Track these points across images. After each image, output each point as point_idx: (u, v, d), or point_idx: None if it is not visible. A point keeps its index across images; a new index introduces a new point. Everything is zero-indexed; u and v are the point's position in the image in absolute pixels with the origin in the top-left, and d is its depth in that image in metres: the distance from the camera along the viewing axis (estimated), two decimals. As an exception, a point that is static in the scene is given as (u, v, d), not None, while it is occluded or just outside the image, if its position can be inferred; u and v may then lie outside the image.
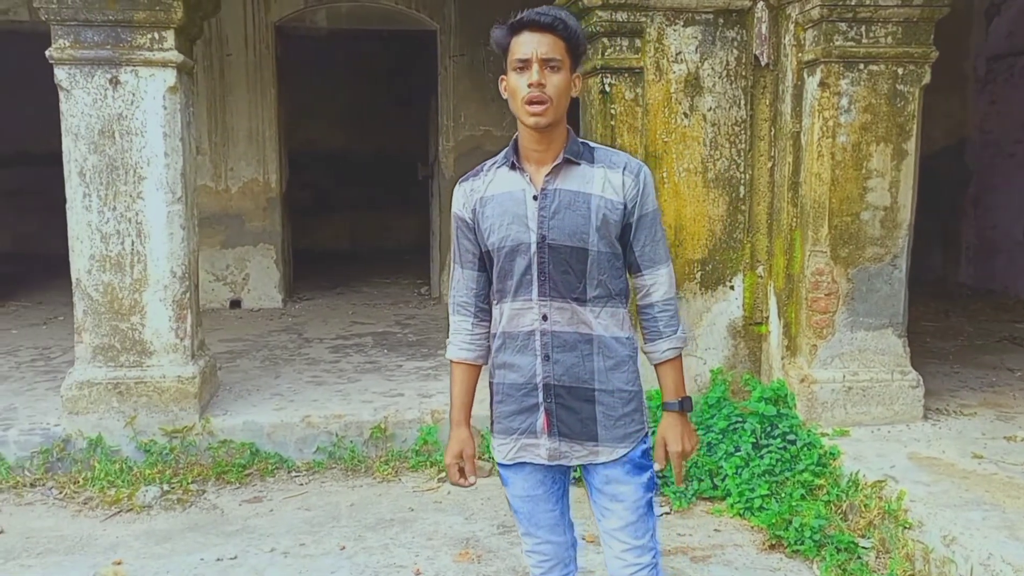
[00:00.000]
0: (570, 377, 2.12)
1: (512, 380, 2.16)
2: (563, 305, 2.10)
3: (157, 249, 4.24)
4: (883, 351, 4.41)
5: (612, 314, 2.14)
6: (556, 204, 2.08)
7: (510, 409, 2.18)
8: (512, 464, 2.21)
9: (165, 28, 4.05)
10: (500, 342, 2.18)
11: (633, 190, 2.11)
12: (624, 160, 2.14)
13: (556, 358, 2.11)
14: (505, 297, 2.15)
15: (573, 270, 2.09)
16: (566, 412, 2.14)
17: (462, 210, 2.19)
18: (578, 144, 2.13)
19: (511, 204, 2.11)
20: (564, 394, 2.13)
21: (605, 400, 2.13)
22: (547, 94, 2.00)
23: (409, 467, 4.44)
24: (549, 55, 2.00)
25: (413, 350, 6.07)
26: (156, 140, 4.15)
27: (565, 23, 2.01)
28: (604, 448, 2.15)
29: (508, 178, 2.14)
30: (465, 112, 7.52)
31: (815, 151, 4.31)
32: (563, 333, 2.11)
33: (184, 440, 4.36)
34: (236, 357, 5.77)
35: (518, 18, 2.03)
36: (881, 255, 4.36)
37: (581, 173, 2.10)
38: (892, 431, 4.27)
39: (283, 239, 7.57)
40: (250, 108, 7.16)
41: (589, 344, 2.12)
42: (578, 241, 2.07)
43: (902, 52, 4.26)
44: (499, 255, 2.13)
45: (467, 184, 2.21)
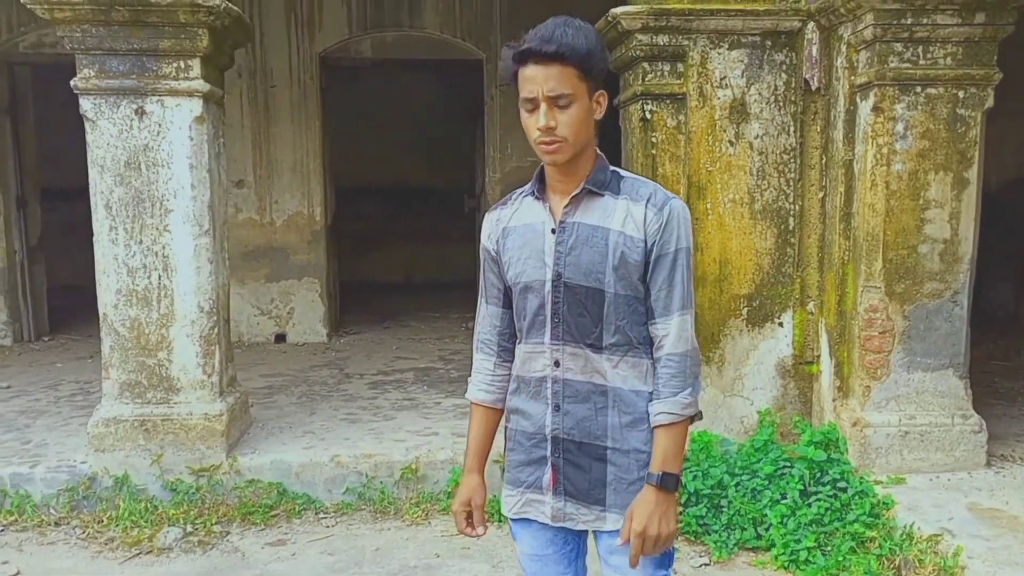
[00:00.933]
0: (580, 431, 1.93)
1: (523, 428, 2.01)
2: (576, 351, 1.91)
3: (184, 283, 4.19)
4: (942, 393, 4.09)
5: (633, 364, 1.92)
6: (574, 239, 1.89)
7: (519, 459, 2.03)
8: (518, 519, 2.04)
9: (191, 57, 4.02)
10: (515, 386, 2.03)
11: (655, 225, 1.87)
12: (650, 191, 1.91)
13: (567, 409, 1.93)
14: (521, 338, 2.00)
15: (589, 313, 1.90)
16: (574, 470, 1.94)
17: (488, 241, 2.05)
18: (605, 173, 1.92)
19: (531, 237, 1.95)
20: (573, 449, 1.94)
21: (618, 460, 1.92)
22: (559, 135, 1.81)
23: (440, 510, 4.26)
24: (557, 91, 1.78)
25: (454, 387, 5.92)
26: (182, 172, 4.11)
27: (572, 47, 1.77)
28: (612, 515, 1.93)
29: (531, 209, 1.97)
30: (512, 143, 7.41)
31: (868, 180, 4.05)
32: (575, 382, 1.93)
33: (211, 479, 4.26)
34: (274, 393, 5.70)
35: (522, 47, 1.80)
36: (940, 291, 4.07)
37: (603, 205, 1.90)
38: (952, 479, 3.95)
39: (328, 273, 7.53)
40: (295, 140, 7.17)
41: (603, 396, 1.92)
42: (594, 281, 1.88)
43: (962, 74, 3.99)
44: (516, 291, 1.98)
45: (495, 213, 2.06)
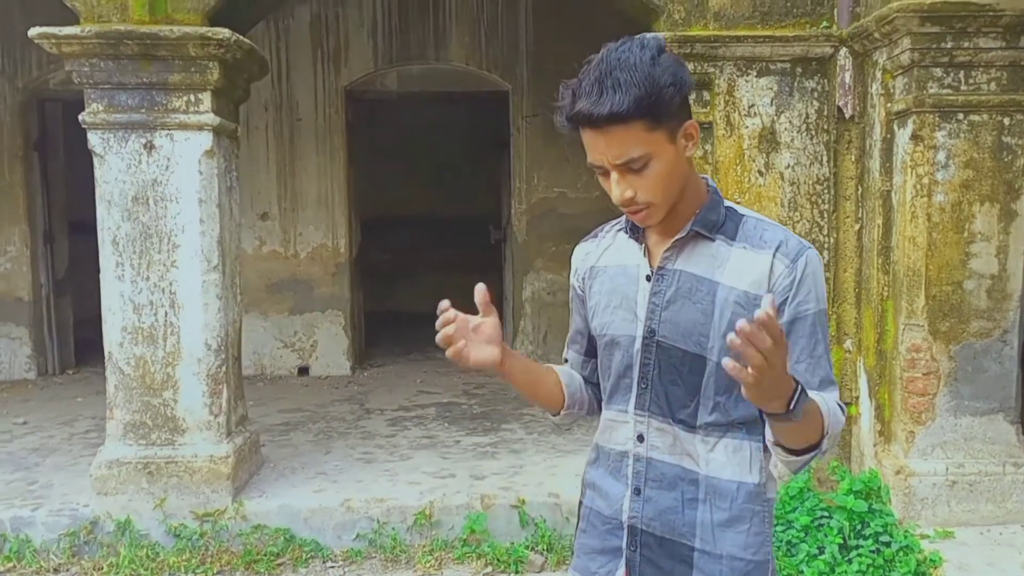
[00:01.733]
0: (662, 524, 1.61)
1: (599, 508, 1.70)
2: (663, 426, 1.61)
3: (191, 320, 4.06)
4: (992, 440, 3.81)
5: (735, 449, 1.59)
6: (673, 291, 1.58)
7: (591, 544, 1.72)
8: None
9: (201, 90, 3.93)
10: (594, 455, 1.75)
11: (786, 279, 1.52)
12: (780, 238, 1.55)
13: (649, 495, 1.62)
14: (604, 400, 1.72)
15: (684, 382, 1.58)
16: (652, 569, 1.62)
17: (574, 278, 1.79)
18: (718, 212, 1.59)
19: (622, 281, 1.65)
20: (653, 545, 1.62)
21: (706, 567, 1.58)
22: (641, 202, 1.51)
23: (454, 559, 4.05)
24: (625, 158, 1.46)
25: (475, 424, 5.72)
26: (191, 206, 4.01)
27: (629, 102, 1.41)
28: None
29: (625, 247, 1.68)
30: (538, 174, 7.26)
31: (908, 212, 3.81)
32: (661, 463, 1.62)
33: (215, 524, 4.10)
34: (290, 430, 5.55)
35: (572, 110, 1.46)
36: (989, 329, 3.79)
37: (713, 252, 1.57)
38: (1005, 533, 3.65)
39: (352, 305, 7.41)
40: (319, 173, 7.09)
41: (694, 486, 1.59)
42: (694, 345, 1.56)
43: (1008, 100, 3.75)
44: (600, 344, 1.70)
45: (584, 246, 1.80)
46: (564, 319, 7.29)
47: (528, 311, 7.44)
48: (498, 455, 4.98)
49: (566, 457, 4.90)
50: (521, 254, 7.38)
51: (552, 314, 7.41)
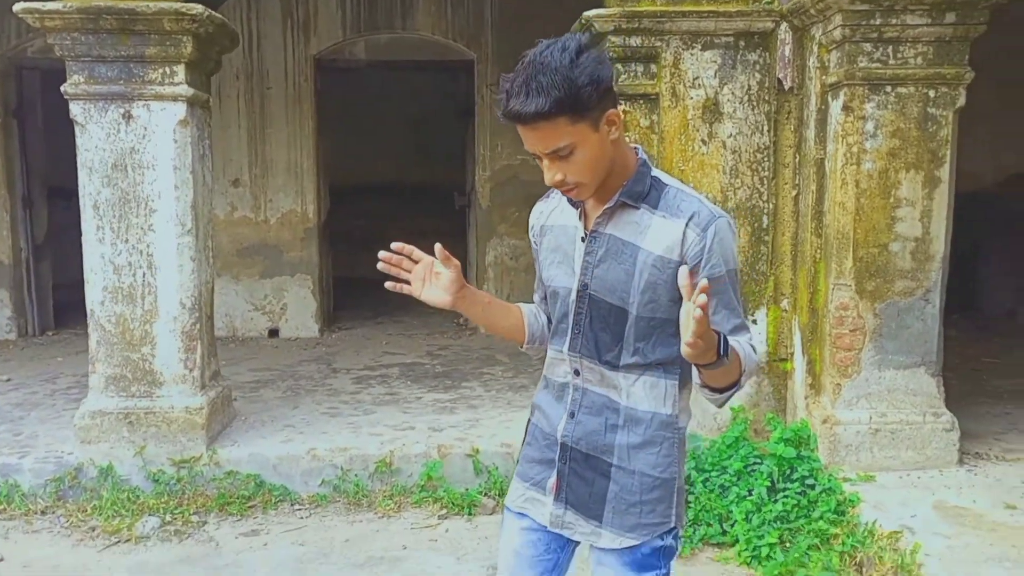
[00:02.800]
0: (589, 443, 1.88)
1: (541, 426, 1.99)
2: (592, 366, 1.87)
3: (167, 281, 4.28)
4: (914, 391, 4.12)
5: (652, 385, 1.85)
6: (603, 251, 1.82)
7: (532, 455, 2.00)
8: (516, 512, 2.02)
9: (176, 63, 4.12)
10: (543, 383, 2.01)
11: (696, 247, 1.74)
12: (694, 208, 1.76)
13: (580, 418, 1.89)
14: (548, 338, 1.99)
15: (611, 330, 1.83)
16: (578, 480, 1.90)
17: (531, 231, 2.04)
18: (644, 183, 1.80)
19: (564, 240, 1.91)
20: (580, 460, 1.90)
21: (621, 480, 1.86)
22: (571, 182, 1.73)
23: (412, 503, 4.33)
24: (553, 147, 1.68)
25: (437, 382, 5.99)
26: (166, 173, 4.21)
27: (550, 101, 1.60)
28: (607, 533, 1.88)
29: (568, 210, 1.91)
30: (501, 142, 7.47)
31: (839, 179, 4.08)
32: (593, 393, 1.88)
33: (191, 470, 4.35)
34: (260, 387, 5.79)
35: (504, 108, 1.67)
36: (912, 289, 4.09)
37: (637, 219, 1.80)
38: (922, 477, 3.97)
39: (321, 269, 7.62)
40: (289, 140, 7.26)
41: (616, 413, 1.86)
42: (618, 300, 1.80)
43: (933, 73, 4.01)
44: (547, 293, 1.97)
45: (539, 206, 2.03)
46: (527, 283, 7.58)
47: (491, 275, 7.69)
48: (456, 410, 5.25)
49: (520, 412, 5.17)
50: (485, 220, 7.62)
51: (515, 278, 7.68)
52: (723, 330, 1.73)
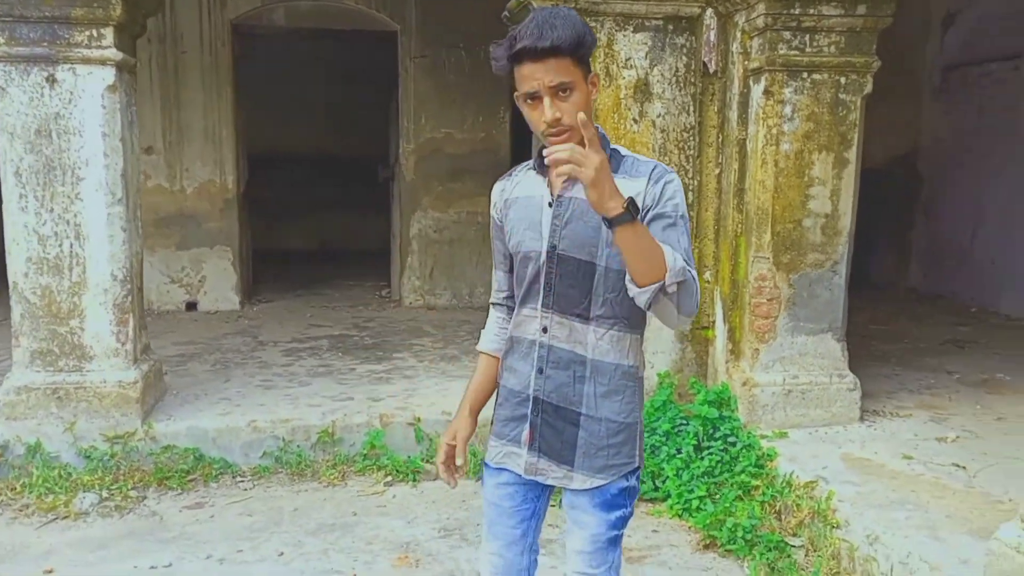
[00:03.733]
0: (559, 396, 2.06)
1: (511, 385, 2.14)
2: (563, 320, 2.03)
3: (97, 252, 4.19)
4: (822, 355, 4.47)
5: (618, 339, 2.03)
6: (570, 213, 1.99)
7: (505, 414, 2.16)
8: (495, 467, 2.19)
9: (104, 25, 4.00)
10: (509, 345, 2.16)
11: (651, 197, 1.94)
12: (650, 168, 1.98)
13: (549, 373, 2.06)
14: (517, 302, 2.14)
15: (579, 284, 2.00)
16: (549, 430, 2.08)
17: (494, 210, 2.18)
18: (606, 151, 1.97)
19: (530, 209, 2.06)
20: (551, 411, 2.07)
21: (590, 427, 2.05)
22: (565, 124, 1.87)
23: (356, 471, 4.42)
24: (557, 81, 1.84)
25: (368, 353, 6.05)
26: (95, 140, 4.10)
27: (564, 38, 1.82)
28: (579, 475, 2.07)
29: (533, 182, 2.09)
30: (426, 114, 7.50)
31: (759, 158, 4.36)
32: (559, 349, 2.05)
33: (125, 446, 4.30)
34: (187, 361, 5.72)
35: (516, 48, 1.84)
36: (822, 261, 4.42)
37: None
38: (829, 432, 4.33)
39: (241, 241, 7.51)
40: (206, 107, 7.09)
41: (583, 366, 2.04)
42: (586, 254, 1.98)
43: (844, 62, 4.32)
44: (516, 259, 2.11)
45: (500, 184, 2.19)
46: (450, 256, 7.71)
47: (415, 248, 7.75)
48: (392, 380, 5.34)
49: (455, 381, 5.31)
50: (409, 193, 7.66)
51: (438, 251, 7.76)
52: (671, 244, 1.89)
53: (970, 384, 5.27)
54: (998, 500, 3.45)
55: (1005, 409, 4.72)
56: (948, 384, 5.26)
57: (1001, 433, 4.31)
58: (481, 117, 7.61)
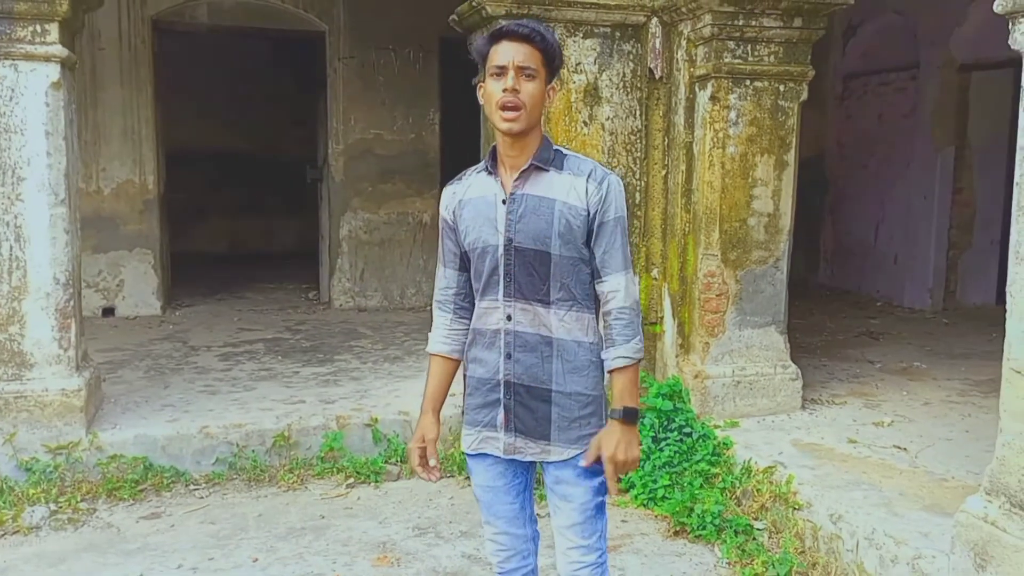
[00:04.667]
0: (529, 377, 2.20)
1: (480, 375, 2.27)
2: (526, 306, 2.18)
3: (39, 254, 4.00)
4: (767, 347, 4.69)
5: (577, 319, 2.20)
6: (523, 209, 2.16)
7: (476, 402, 2.28)
8: (475, 454, 2.30)
9: (49, 21, 3.84)
10: (471, 337, 2.28)
11: (596, 196, 2.15)
12: (590, 167, 2.20)
13: (517, 357, 2.20)
14: (478, 296, 2.26)
15: (537, 272, 2.16)
16: (523, 410, 2.22)
17: (445, 212, 2.31)
18: (550, 151, 2.20)
19: (484, 207, 2.21)
20: (523, 392, 2.21)
21: (561, 402, 2.20)
22: (521, 99, 2.09)
23: (315, 474, 4.36)
24: (525, 63, 2.09)
25: (308, 356, 5.96)
26: (38, 139, 3.92)
27: (543, 35, 2.12)
28: (556, 448, 2.21)
29: (484, 183, 2.25)
30: (355, 115, 7.44)
31: (707, 161, 4.54)
32: (525, 334, 2.19)
33: (70, 457, 4.12)
34: (117, 368, 5.49)
35: (498, 28, 2.15)
36: (765, 258, 4.64)
37: (548, 179, 2.17)
38: (776, 421, 4.55)
39: (161, 243, 7.25)
40: (125, 106, 6.82)
41: (549, 346, 2.19)
42: (541, 244, 2.15)
43: (783, 70, 4.55)
44: (473, 255, 2.24)
45: (451, 188, 2.33)
46: (381, 257, 7.66)
47: (345, 249, 7.66)
48: (340, 382, 5.29)
49: (405, 382, 5.30)
50: (338, 194, 7.57)
51: (369, 252, 7.70)
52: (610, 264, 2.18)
53: (892, 372, 5.62)
54: (942, 478, 3.70)
55: (928, 394, 5.07)
56: (872, 373, 5.60)
57: (931, 417, 4.62)
58: (411, 118, 7.61)
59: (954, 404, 4.88)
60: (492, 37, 2.14)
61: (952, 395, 5.07)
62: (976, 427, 4.42)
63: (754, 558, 3.43)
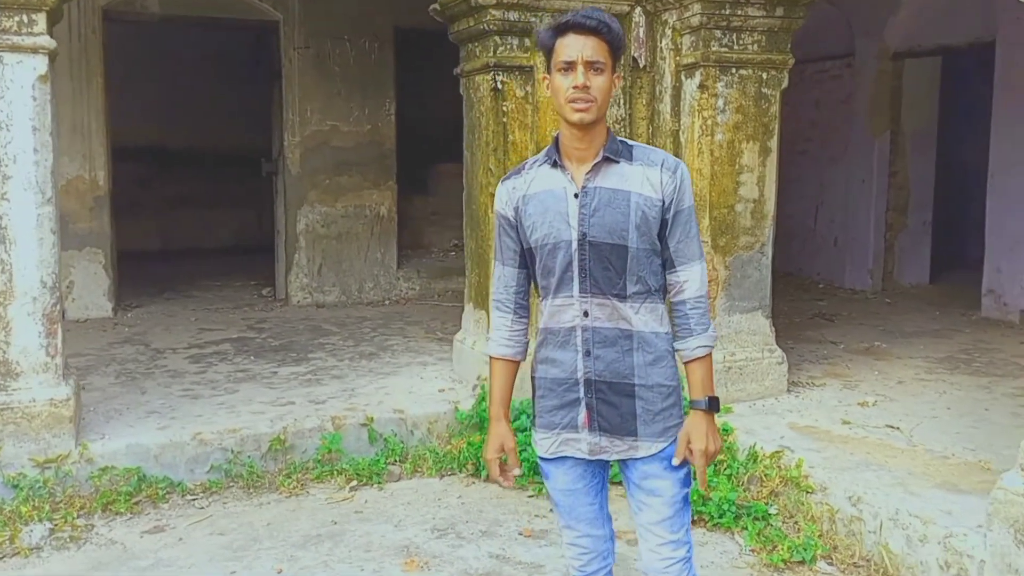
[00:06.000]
0: (611, 372, 2.16)
1: (554, 375, 2.21)
2: (604, 301, 2.15)
3: (25, 257, 3.77)
4: (754, 332, 4.80)
5: (651, 310, 2.17)
6: (596, 202, 2.13)
7: (552, 404, 2.22)
8: (553, 458, 2.24)
9: (36, 11, 3.62)
10: (542, 337, 2.23)
11: (671, 186, 2.15)
12: (662, 157, 2.19)
13: (597, 353, 2.16)
14: (548, 294, 2.20)
15: (613, 267, 2.13)
16: (606, 407, 2.18)
17: (504, 208, 2.24)
18: (617, 143, 2.18)
19: (552, 202, 2.16)
20: (605, 389, 2.17)
21: (645, 395, 2.17)
22: (591, 94, 2.07)
23: (314, 478, 4.26)
24: (593, 58, 2.07)
25: (280, 355, 5.80)
26: (24, 134, 3.70)
27: (609, 26, 2.09)
28: (643, 443, 2.19)
29: (550, 176, 2.19)
30: (311, 107, 7.26)
31: (696, 148, 4.61)
32: (604, 329, 2.16)
33: (59, 470, 3.91)
34: (85, 374, 5.22)
35: (564, 20, 2.10)
36: (752, 244, 4.75)
37: (620, 171, 2.15)
38: (767, 404, 4.66)
39: (112, 242, 6.93)
40: (74, 98, 6.46)
41: (629, 340, 2.16)
42: (618, 238, 2.12)
43: (766, 59, 4.65)
44: (541, 252, 2.18)
45: (509, 182, 2.26)
46: (338, 251, 7.53)
47: (303, 244, 7.49)
48: (323, 382, 5.17)
49: (389, 379, 5.23)
50: (295, 187, 7.38)
51: (327, 246, 7.54)
52: (685, 253, 2.19)
53: (857, 352, 5.84)
54: (943, 456, 3.84)
55: (899, 373, 5.28)
56: (839, 354, 5.80)
57: (909, 395, 4.81)
58: (367, 109, 7.47)
59: (926, 382, 5.09)
60: (557, 30, 2.11)
61: (920, 373, 5.29)
62: (955, 404, 4.64)
63: (776, 544, 3.49)
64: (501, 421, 2.28)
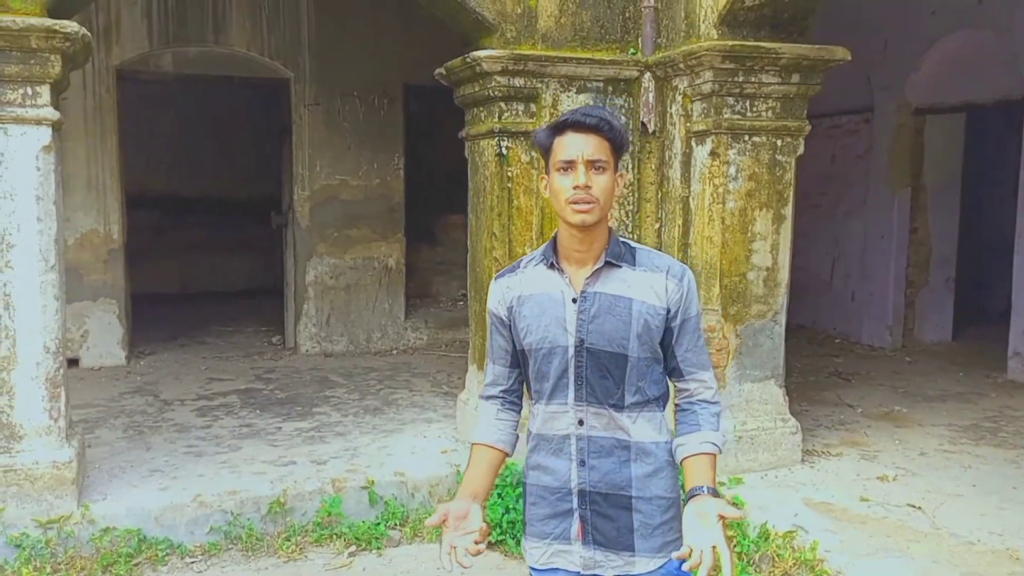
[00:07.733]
0: (606, 484, 2.06)
1: (546, 483, 2.11)
2: (600, 411, 2.05)
3: (29, 323, 3.80)
4: (766, 401, 4.73)
5: (650, 419, 2.07)
6: (596, 308, 2.04)
7: (543, 512, 2.13)
8: (545, 569, 2.14)
9: (40, 83, 3.68)
10: (534, 443, 2.13)
11: (677, 294, 2.06)
12: (667, 263, 2.10)
13: (592, 464, 2.06)
14: (541, 398, 2.11)
15: (612, 376, 2.03)
16: (602, 520, 2.07)
17: (497, 307, 2.16)
18: (619, 245, 2.09)
19: (549, 305, 2.07)
20: (600, 501, 2.07)
21: (643, 508, 2.06)
22: (593, 195, 1.97)
23: (312, 542, 4.20)
24: (595, 156, 1.98)
25: (286, 409, 5.78)
26: (28, 204, 3.75)
27: (610, 123, 2.00)
28: (641, 559, 2.07)
29: (546, 277, 2.10)
30: (321, 161, 7.33)
31: (706, 216, 4.57)
32: (600, 438, 2.06)
33: (61, 531, 3.89)
34: (94, 427, 5.23)
35: (562, 119, 2.02)
36: (764, 312, 4.69)
37: (622, 276, 2.06)
38: (779, 476, 4.56)
39: (126, 292, 6.99)
40: (89, 155, 6.57)
41: (627, 450, 2.06)
42: (617, 347, 2.02)
43: (780, 125, 4.62)
44: (536, 356, 2.08)
45: (503, 280, 2.17)
46: (347, 302, 7.54)
47: (311, 295, 7.51)
48: (327, 439, 5.14)
49: (391, 436, 5.19)
50: (304, 239, 7.43)
51: (335, 297, 7.57)
52: (693, 362, 2.10)
53: (875, 418, 5.71)
54: (969, 542, 3.71)
55: (921, 443, 5.13)
56: (856, 419, 5.67)
57: (932, 469, 4.66)
58: (376, 164, 7.54)
59: (950, 454, 4.94)
60: (555, 129, 2.02)
61: (944, 443, 5.14)
62: (981, 480, 4.50)
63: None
64: (464, 497, 2.06)
